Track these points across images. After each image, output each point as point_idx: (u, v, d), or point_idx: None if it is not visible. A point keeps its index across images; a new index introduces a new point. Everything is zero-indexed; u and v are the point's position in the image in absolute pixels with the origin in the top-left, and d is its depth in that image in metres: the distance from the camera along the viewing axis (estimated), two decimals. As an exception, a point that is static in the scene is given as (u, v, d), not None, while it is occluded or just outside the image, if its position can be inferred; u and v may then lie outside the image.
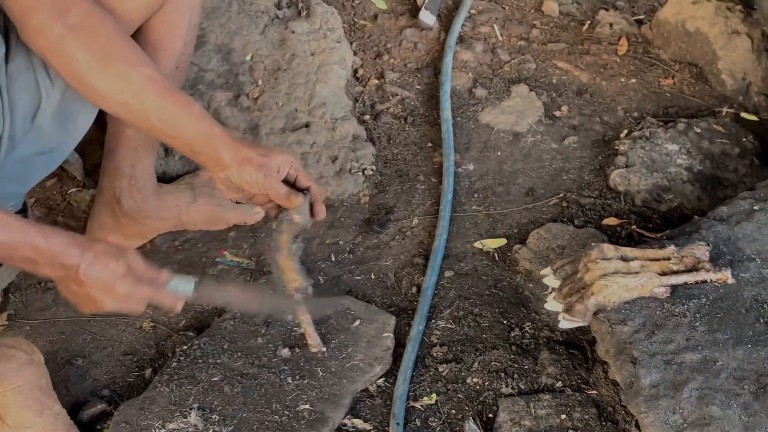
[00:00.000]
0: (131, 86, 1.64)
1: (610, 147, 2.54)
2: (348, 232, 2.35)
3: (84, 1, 1.64)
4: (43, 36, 1.62)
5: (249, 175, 1.67)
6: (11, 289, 2.22)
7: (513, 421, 1.78)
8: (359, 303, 2.09)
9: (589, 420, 1.77)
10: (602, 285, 1.78)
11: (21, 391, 1.78)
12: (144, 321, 2.13)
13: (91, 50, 1.62)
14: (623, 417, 1.77)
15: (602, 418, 1.78)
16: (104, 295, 1.51)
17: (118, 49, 1.65)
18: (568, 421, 1.77)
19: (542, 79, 2.84)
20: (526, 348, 1.98)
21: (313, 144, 2.47)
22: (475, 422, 1.81)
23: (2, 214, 1.44)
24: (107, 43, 1.64)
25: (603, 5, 3.20)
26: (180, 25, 1.97)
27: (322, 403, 1.83)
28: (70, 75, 1.66)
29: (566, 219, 2.31)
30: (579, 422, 1.77)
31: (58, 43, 1.62)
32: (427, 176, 2.51)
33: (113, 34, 1.65)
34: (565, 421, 1.77)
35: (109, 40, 1.64)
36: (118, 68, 1.63)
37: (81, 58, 1.62)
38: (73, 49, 1.62)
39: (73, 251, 1.48)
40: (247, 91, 2.54)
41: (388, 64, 2.89)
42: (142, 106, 1.65)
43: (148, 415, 1.82)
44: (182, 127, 1.66)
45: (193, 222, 2.28)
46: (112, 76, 1.64)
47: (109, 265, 1.50)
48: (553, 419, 1.78)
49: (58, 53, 1.63)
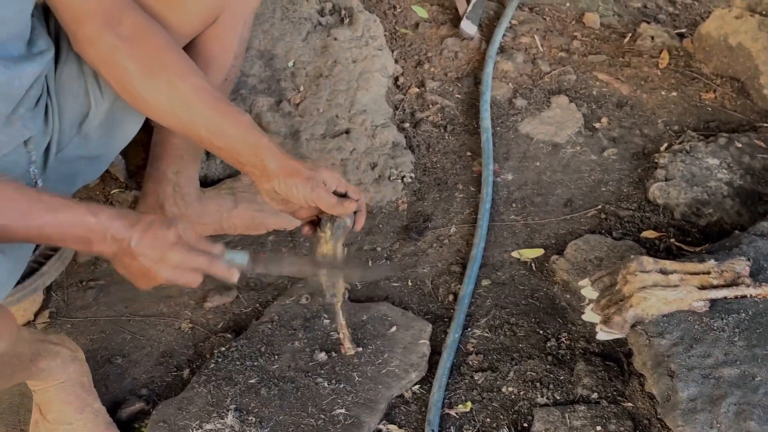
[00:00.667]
0: (180, 96, 1.65)
1: (649, 160, 2.54)
2: (386, 238, 2.36)
3: (136, 13, 1.66)
4: (95, 46, 1.64)
5: (296, 186, 1.67)
6: (53, 287, 2.25)
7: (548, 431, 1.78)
8: (396, 309, 2.10)
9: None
10: (641, 297, 1.77)
11: (63, 388, 1.81)
12: (183, 322, 2.15)
13: (142, 60, 1.64)
14: (659, 430, 1.76)
15: (638, 430, 1.78)
16: (157, 265, 1.49)
17: (168, 59, 1.66)
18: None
19: (582, 90, 2.84)
20: (561, 358, 1.98)
21: (353, 150, 2.49)
22: (510, 431, 1.81)
23: (50, 197, 1.44)
24: (157, 53, 1.66)
25: (644, 18, 3.19)
26: (232, 39, 1.99)
27: (358, 408, 1.84)
28: (120, 85, 1.68)
29: (604, 231, 2.31)
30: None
31: (109, 54, 1.64)
32: (466, 185, 2.51)
33: (164, 45, 1.67)
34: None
35: (160, 50, 1.66)
36: (168, 78, 1.65)
37: (131, 68, 1.64)
38: (123, 60, 1.64)
39: (123, 224, 1.46)
40: (288, 96, 2.56)
41: (428, 73, 2.91)
42: (191, 117, 1.66)
43: (185, 415, 1.84)
44: (230, 138, 1.67)
45: (233, 227, 2.30)
46: (162, 86, 1.65)
47: (160, 235, 1.48)
48: (588, 430, 1.77)
49: (108, 63, 1.65)
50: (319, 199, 1.67)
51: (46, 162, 1.74)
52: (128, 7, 1.66)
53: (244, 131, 1.67)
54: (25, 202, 1.42)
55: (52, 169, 1.76)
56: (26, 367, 1.65)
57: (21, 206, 1.41)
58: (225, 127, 1.66)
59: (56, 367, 1.78)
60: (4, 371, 1.52)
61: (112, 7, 1.63)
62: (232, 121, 1.67)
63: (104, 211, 1.46)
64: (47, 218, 1.42)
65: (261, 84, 2.57)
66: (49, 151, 1.74)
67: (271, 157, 1.67)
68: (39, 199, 1.43)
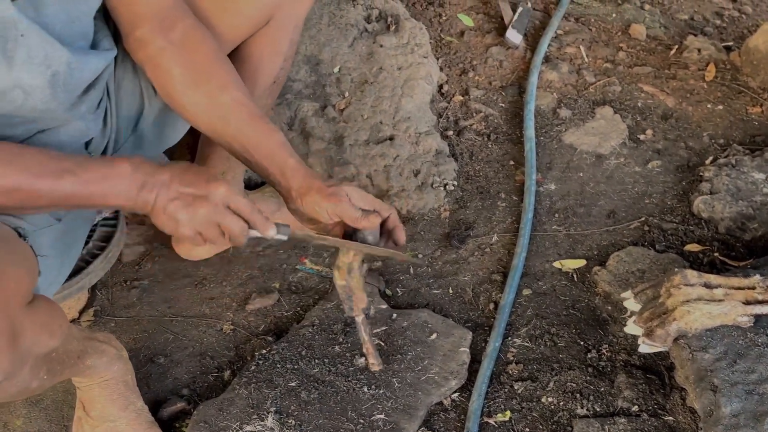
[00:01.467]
0: (219, 108, 1.67)
1: (694, 173, 2.52)
2: (427, 245, 2.36)
3: (189, 19, 1.69)
4: (145, 48, 1.67)
5: (317, 204, 1.66)
6: (98, 286, 2.28)
7: (587, 443, 1.78)
8: (436, 317, 2.10)
9: (665, 446, 1.76)
10: (684, 311, 1.76)
11: (108, 386, 1.83)
12: (224, 324, 2.17)
13: (186, 67, 1.67)
14: (700, 445, 1.76)
15: (678, 444, 1.77)
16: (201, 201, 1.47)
17: (213, 70, 1.68)
18: (643, 446, 1.76)
19: (627, 101, 2.83)
20: (602, 370, 1.97)
21: (396, 157, 2.50)
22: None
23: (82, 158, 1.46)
24: (203, 62, 1.68)
25: (691, 30, 3.18)
26: (282, 43, 2.01)
27: (397, 414, 1.85)
28: (163, 88, 1.70)
29: (647, 243, 2.30)
30: (655, 448, 1.76)
31: (157, 56, 1.66)
32: (508, 194, 2.51)
33: (210, 53, 1.69)
34: (641, 446, 1.76)
35: (205, 59, 1.68)
36: (209, 89, 1.67)
37: (175, 74, 1.67)
38: (169, 64, 1.66)
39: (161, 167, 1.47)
40: (333, 102, 2.58)
41: (473, 81, 2.91)
42: (226, 129, 1.68)
43: (226, 416, 1.86)
44: (260, 155, 1.68)
45: (276, 230, 2.31)
46: (202, 96, 1.67)
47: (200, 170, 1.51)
48: (629, 443, 1.77)
49: (155, 66, 1.68)
50: (342, 211, 1.67)
51: None
52: (183, 14, 1.68)
53: (273, 150, 1.68)
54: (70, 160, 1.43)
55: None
56: (73, 363, 1.68)
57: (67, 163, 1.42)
58: (256, 144, 1.68)
59: (102, 364, 1.80)
60: (54, 367, 1.54)
61: (168, 12, 1.65)
62: (265, 139, 1.68)
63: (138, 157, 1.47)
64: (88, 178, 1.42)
65: (306, 89, 2.58)
66: (106, 152, 1.77)
67: (295, 177, 1.67)
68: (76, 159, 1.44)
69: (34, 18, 1.39)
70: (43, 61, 1.43)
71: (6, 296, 1.24)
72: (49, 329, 1.41)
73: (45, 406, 2.02)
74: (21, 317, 1.30)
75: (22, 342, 1.31)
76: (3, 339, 1.25)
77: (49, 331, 1.41)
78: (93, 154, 1.71)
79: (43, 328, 1.38)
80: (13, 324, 1.27)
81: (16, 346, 1.29)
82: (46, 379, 1.50)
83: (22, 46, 1.38)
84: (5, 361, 1.27)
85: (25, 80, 1.42)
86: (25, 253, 1.37)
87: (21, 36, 1.37)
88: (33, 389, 1.46)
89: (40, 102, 1.47)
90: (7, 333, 1.25)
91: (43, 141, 1.58)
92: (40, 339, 1.38)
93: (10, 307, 1.26)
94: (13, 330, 1.27)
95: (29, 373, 1.40)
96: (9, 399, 1.55)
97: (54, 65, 1.45)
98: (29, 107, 1.47)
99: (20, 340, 1.30)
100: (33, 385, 1.44)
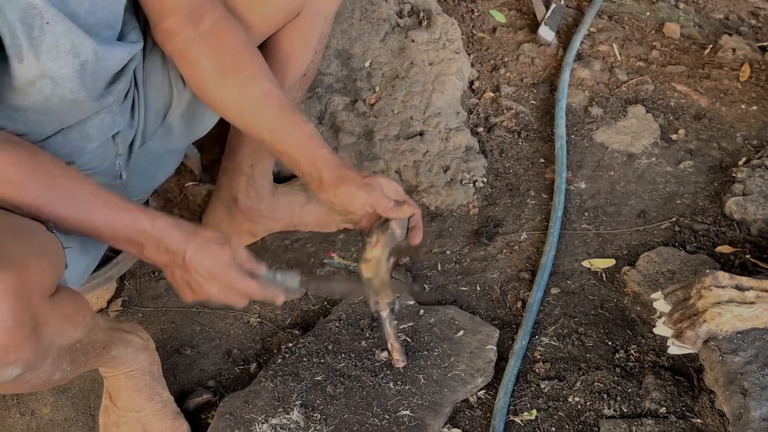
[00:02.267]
0: (249, 100, 1.67)
1: (727, 174, 2.49)
2: (456, 242, 2.35)
3: (218, 11, 1.69)
4: (173, 39, 1.67)
5: (350, 194, 1.68)
6: (126, 276, 2.29)
7: (614, 444, 1.77)
8: (464, 313, 2.09)
9: (693, 449, 1.75)
10: (715, 313, 1.75)
11: (134, 376, 1.84)
12: (251, 316, 2.17)
13: (216, 59, 1.67)
14: (728, 448, 1.74)
15: (706, 448, 1.76)
16: (209, 283, 1.51)
17: (242, 61, 1.68)
18: (670, 448, 1.74)
19: (660, 101, 2.80)
20: (630, 371, 1.95)
21: (425, 153, 2.49)
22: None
23: (110, 195, 1.46)
24: (232, 53, 1.68)
25: (726, 30, 3.14)
26: (313, 36, 2.00)
27: (423, 410, 1.84)
28: (192, 80, 1.71)
29: (678, 244, 2.27)
30: (682, 450, 1.74)
31: (186, 48, 1.67)
32: (538, 192, 2.50)
33: (240, 45, 1.69)
34: (668, 448, 1.75)
35: (234, 50, 1.68)
36: (238, 81, 1.67)
37: (205, 66, 1.67)
38: (198, 56, 1.67)
39: (178, 236, 1.48)
40: (364, 96, 2.57)
41: (504, 78, 2.89)
42: (256, 121, 1.68)
43: (251, 408, 1.86)
44: (291, 146, 1.69)
45: (304, 223, 2.32)
46: (232, 87, 1.67)
47: (215, 253, 1.50)
48: (656, 445, 1.75)
49: (185, 58, 1.68)
50: (376, 201, 1.68)
51: (130, 154, 1.78)
52: (212, 5, 1.68)
53: (304, 141, 1.68)
54: (86, 195, 1.44)
55: (135, 161, 1.80)
56: (99, 353, 1.68)
57: (81, 198, 1.43)
58: (287, 136, 1.68)
59: (128, 355, 1.80)
60: (79, 358, 1.54)
61: (197, 3, 1.65)
62: (295, 131, 1.68)
63: (162, 219, 1.48)
64: (104, 215, 1.44)
65: (337, 83, 2.58)
66: (134, 144, 1.77)
67: (327, 168, 1.67)
68: (99, 194, 1.45)
69: (59, 6, 1.39)
70: (70, 50, 1.42)
71: (28, 288, 1.23)
72: (73, 321, 1.40)
73: (72, 394, 2.04)
74: (44, 309, 1.28)
75: (45, 333, 1.29)
76: (25, 330, 1.23)
77: (73, 322, 1.40)
78: (119, 145, 1.71)
79: (67, 319, 1.38)
80: (36, 315, 1.25)
81: (38, 337, 1.27)
82: (70, 370, 1.50)
83: (49, 35, 1.38)
84: (27, 354, 1.26)
85: (53, 69, 1.42)
86: (49, 244, 1.37)
87: (46, 24, 1.36)
88: (56, 380, 1.46)
89: (69, 92, 1.47)
90: (29, 325, 1.24)
91: (70, 136, 1.58)
92: (63, 330, 1.37)
93: (32, 298, 1.24)
94: (36, 321, 1.25)
95: (52, 365, 1.40)
96: (32, 390, 1.55)
97: (82, 54, 1.45)
98: (58, 97, 1.47)
99: (43, 331, 1.28)
100: (56, 376, 1.44)
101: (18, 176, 1.37)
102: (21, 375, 1.29)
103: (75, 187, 1.43)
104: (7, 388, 1.36)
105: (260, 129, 1.69)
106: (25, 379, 1.34)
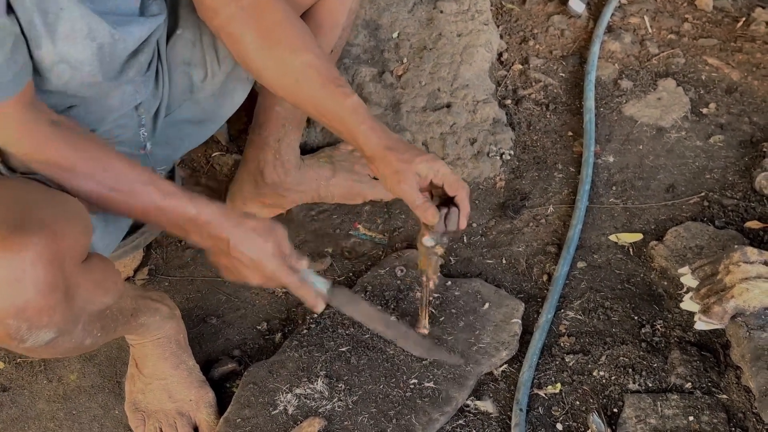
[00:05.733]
0: (292, 73, 1.67)
1: (757, 149, 2.47)
2: (482, 215, 2.34)
3: None
4: (217, 15, 1.67)
5: (384, 177, 1.68)
6: (153, 245, 2.30)
7: (638, 418, 1.75)
8: (489, 286, 2.09)
9: (718, 424, 1.73)
10: (743, 288, 1.73)
11: (160, 344, 1.85)
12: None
13: (258, 32, 1.67)
14: (754, 424, 1.73)
15: (732, 423, 1.74)
16: (252, 271, 1.55)
17: (283, 33, 1.68)
18: (695, 424, 1.73)
19: (691, 74, 2.77)
20: (656, 346, 1.94)
21: (453, 125, 2.48)
22: (600, 416, 1.79)
23: (157, 179, 1.50)
24: (274, 26, 1.67)
25: (759, 2, 3.09)
26: (341, 12, 2.00)
27: (447, 383, 1.84)
28: (237, 54, 1.71)
29: (706, 219, 2.25)
30: (707, 425, 1.73)
31: (228, 24, 1.67)
32: (565, 165, 2.48)
33: (281, 17, 1.69)
34: (693, 424, 1.73)
35: (276, 23, 1.68)
36: (280, 53, 1.67)
37: (248, 40, 1.67)
38: (241, 30, 1.67)
39: (224, 224, 1.52)
40: (391, 68, 2.56)
41: (533, 50, 2.87)
42: (299, 93, 1.69)
43: (276, 378, 1.87)
44: (333, 120, 1.69)
45: (330, 195, 2.32)
46: (275, 60, 1.68)
47: (259, 243, 1.53)
48: (680, 420, 1.74)
49: (228, 32, 1.68)
50: (403, 194, 1.67)
51: (155, 125, 1.78)
52: None
53: (345, 116, 1.68)
54: (135, 179, 1.48)
55: (160, 131, 1.80)
56: (126, 321, 1.70)
57: (130, 182, 1.47)
58: (328, 110, 1.69)
59: (154, 323, 1.82)
60: (107, 324, 1.56)
61: None
62: (336, 105, 1.68)
63: (208, 207, 1.52)
64: (154, 199, 1.48)
65: (365, 54, 2.57)
66: (158, 115, 1.78)
67: (367, 144, 1.67)
68: (148, 179, 1.49)
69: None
70: (87, 35, 1.43)
71: (61, 253, 1.26)
72: (104, 287, 1.43)
73: (99, 361, 2.05)
74: (76, 274, 1.32)
75: (77, 299, 1.33)
76: (58, 295, 1.27)
77: (103, 288, 1.43)
78: (142, 116, 1.72)
79: (98, 285, 1.40)
80: (68, 280, 1.29)
81: (70, 302, 1.31)
82: (100, 336, 1.52)
83: (65, 20, 1.38)
84: (59, 318, 1.29)
85: (71, 54, 1.42)
86: (80, 211, 1.39)
87: (62, 9, 1.37)
88: (87, 346, 1.49)
89: (88, 75, 1.48)
90: (62, 289, 1.27)
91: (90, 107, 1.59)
92: (94, 296, 1.40)
93: (65, 263, 1.28)
94: (68, 286, 1.29)
95: (83, 330, 1.42)
96: (63, 355, 1.58)
97: (99, 38, 1.45)
98: (77, 81, 1.48)
99: (75, 296, 1.32)
100: (87, 342, 1.47)
101: (69, 158, 1.42)
102: (54, 339, 1.33)
103: (125, 171, 1.47)
104: (41, 353, 1.39)
105: (304, 101, 1.70)
106: (57, 344, 1.36)
